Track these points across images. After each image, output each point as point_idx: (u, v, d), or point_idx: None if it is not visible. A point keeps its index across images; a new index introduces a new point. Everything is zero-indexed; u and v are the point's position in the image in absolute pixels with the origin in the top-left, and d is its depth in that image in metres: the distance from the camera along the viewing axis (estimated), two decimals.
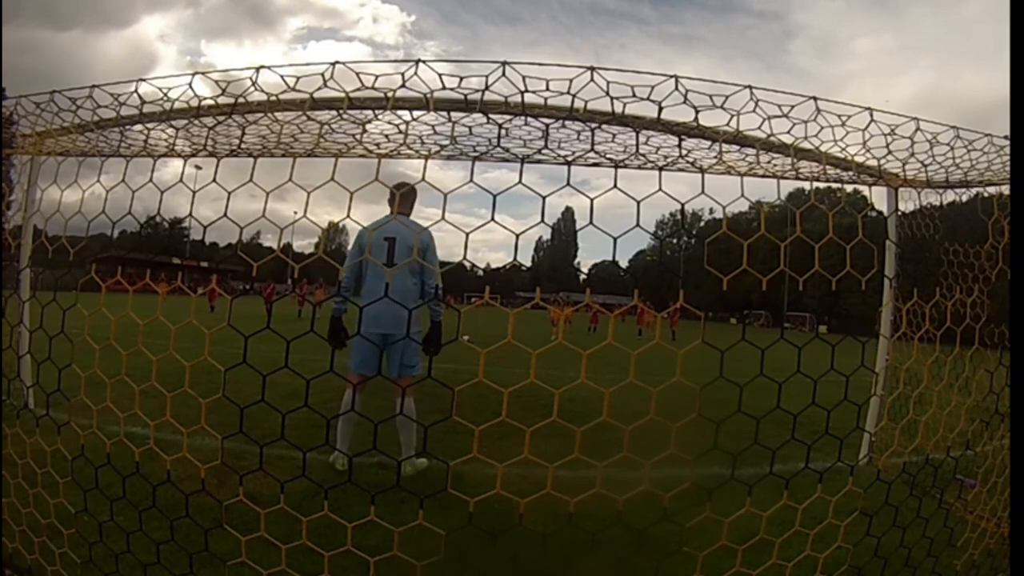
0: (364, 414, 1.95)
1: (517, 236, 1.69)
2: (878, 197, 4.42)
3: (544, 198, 1.74)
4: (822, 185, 4.18)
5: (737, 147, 2.82)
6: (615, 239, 1.70)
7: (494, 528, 2.52)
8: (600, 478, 1.76)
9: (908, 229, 4.12)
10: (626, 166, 3.10)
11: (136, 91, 2.22)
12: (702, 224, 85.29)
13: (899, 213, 4.15)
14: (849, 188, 3.78)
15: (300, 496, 3.06)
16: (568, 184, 1.92)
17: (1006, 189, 2.98)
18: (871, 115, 2.25)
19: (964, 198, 3.71)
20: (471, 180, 1.86)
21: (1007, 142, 2.39)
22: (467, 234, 1.63)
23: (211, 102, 2.21)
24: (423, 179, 1.86)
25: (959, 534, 2.63)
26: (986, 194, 3.27)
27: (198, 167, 2.91)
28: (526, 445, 1.63)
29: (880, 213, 4.22)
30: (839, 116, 2.31)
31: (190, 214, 2.00)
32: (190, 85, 2.11)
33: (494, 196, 1.73)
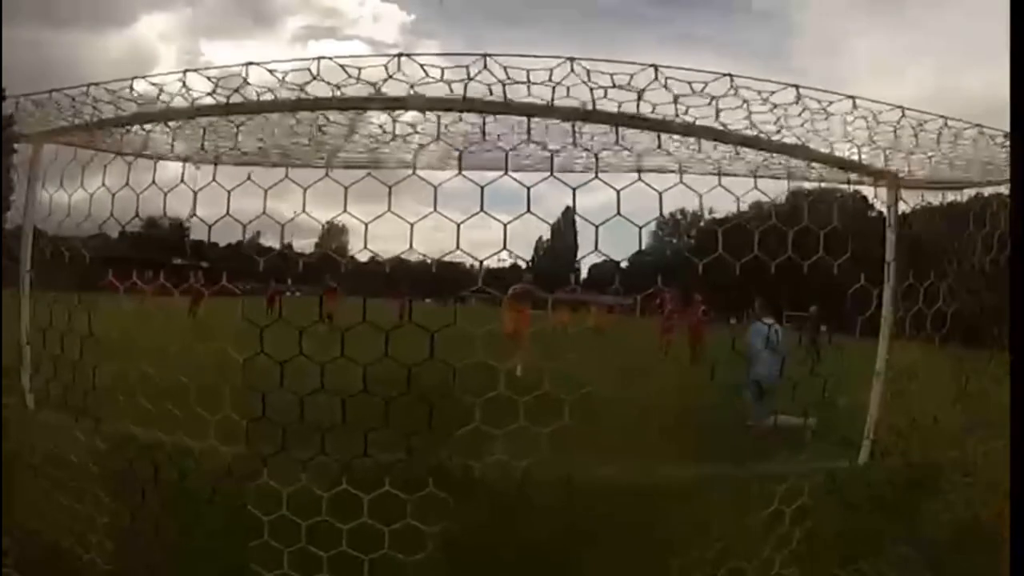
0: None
1: (505, 225, 1.73)
2: (878, 197, 4.40)
3: (528, 188, 1.77)
4: (823, 185, 4.18)
5: (749, 149, 2.81)
6: (642, 232, 1.69)
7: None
8: (596, 477, 1.76)
9: (908, 228, 4.10)
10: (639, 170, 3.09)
11: (131, 86, 2.22)
12: (702, 224, 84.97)
13: (899, 212, 4.14)
14: (849, 188, 3.78)
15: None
16: (598, 176, 1.92)
17: (1005, 189, 2.98)
18: (874, 115, 2.26)
19: (964, 198, 3.71)
20: (477, 184, 1.86)
21: (1006, 141, 2.39)
22: (458, 224, 1.64)
23: (208, 101, 2.21)
24: (462, 172, 1.87)
25: (958, 533, 2.63)
26: (986, 193, 3.27)
27: (197, 167, 2.91)
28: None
29: (880, 213, 4.21)
30: (845, 115, 2.32)
31: (194, 213, 2.00)
32: (182, 82, 2.11)
33: (482, 188, 1.77)
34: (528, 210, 1.85)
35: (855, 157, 3.08)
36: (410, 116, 2.57)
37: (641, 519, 2.94)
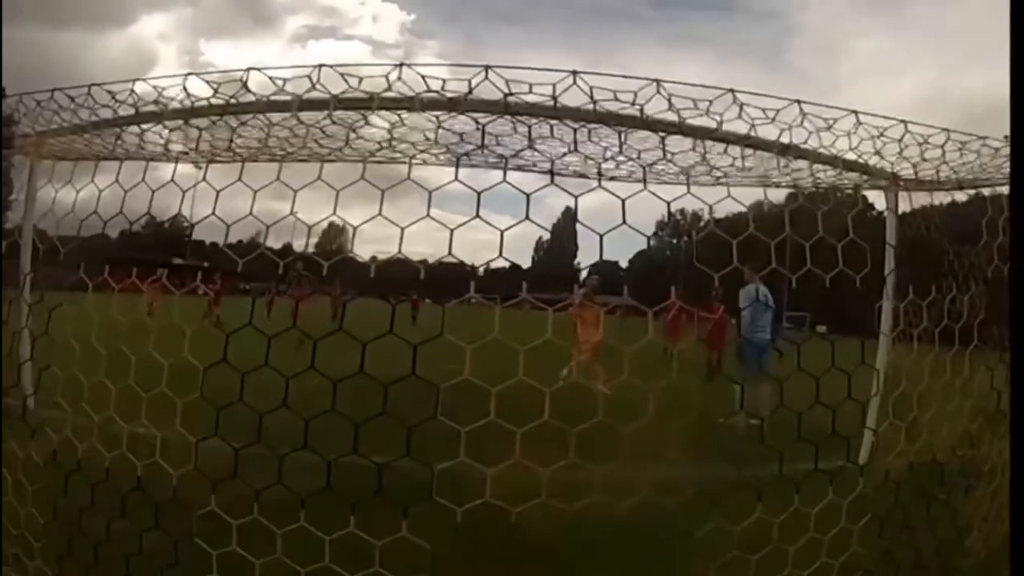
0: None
1: (502, 232, 1.77)
2: (878, 197, 4.42)
3: (528, 195, 1.79)
4: (822, 186, 4.18)
5: (753, 150, 2.82)
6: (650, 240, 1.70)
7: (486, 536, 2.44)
8: (600, 481, 1.75)
9: (908, 229, 4.11)
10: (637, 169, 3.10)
11: (132, 89, 2.23)
12: (701, 224, 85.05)
13: (899, 213, 4.15)
14: (849, 189, 3.78)
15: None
16: (600, 184, 1.94)
17: (1004, 189, 2.98)
18: (880, 117, 2.27)
19: (963, 199, 3.71)
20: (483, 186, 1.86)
21: (1004, 143, 2.39)
22: (451, 230, 1.64)
23: (207, 102, 2.22)
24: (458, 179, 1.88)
25: (965, 535, 2.63)
26: (984, 194, 3.27)
27: (199, 167, 2.91)
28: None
29: (881, 213, 4.22)
30: (852, 119, 2.33)
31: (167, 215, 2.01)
32: (183, 87, 2.12)
33: (478, 193, 1.79)
34: (527, 217, 1.86)
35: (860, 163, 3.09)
36: (412, 120, 2.58)
37: (636, 528, 2.94)
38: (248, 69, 1.92)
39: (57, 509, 2.10)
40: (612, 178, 3.08)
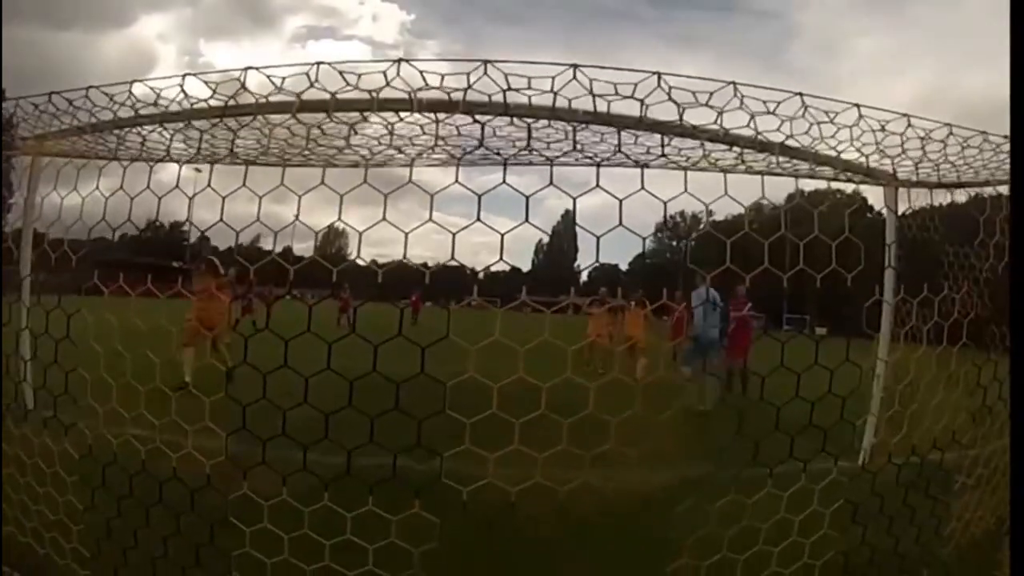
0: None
1: (502, 235, 1.80)
2: (877, 197, 4.41)
3: (527, 197, 1.80)
4: (822, 186, 4.19)
5: (754, 150, 2.81)
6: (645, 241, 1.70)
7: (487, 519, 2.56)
8: (589, 472, 1.78)
9: (908, 229, 4.11)
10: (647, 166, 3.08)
11: (130, 91, 2.23)
12: (701, 226, 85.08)
13: (899, 214, 4.15)
14: (849, 189, 3.78)
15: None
16: (600, 185, 1.95)
17: (1004, 189, 2.98)
18: (882, 111, 2.26)
19: (963, 198, 3.71)
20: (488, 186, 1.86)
21: (1004, 141, 2.39)
22: (453, 234, 1.65)
23: (206, 104, 2.22)
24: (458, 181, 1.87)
25: (945, 525, 2.65)
26: (984, 194, 3.28)
27: (198, 170, 2.90)
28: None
29: (879, 214, 4.21)
30: (852, 127, 2.33)
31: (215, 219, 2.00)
32: (181, 87, 2.12)
33: (479, 196, 1.79)
34: (526, 220, 1.85)
35: (861, 162, 3.08)
36: (412, 119, 2.58)
37: (627, 522, 2.99)
38: (246, 69, 1.92)
39: (95, 497, 2.26)
40: (617, 165, 3.03)
